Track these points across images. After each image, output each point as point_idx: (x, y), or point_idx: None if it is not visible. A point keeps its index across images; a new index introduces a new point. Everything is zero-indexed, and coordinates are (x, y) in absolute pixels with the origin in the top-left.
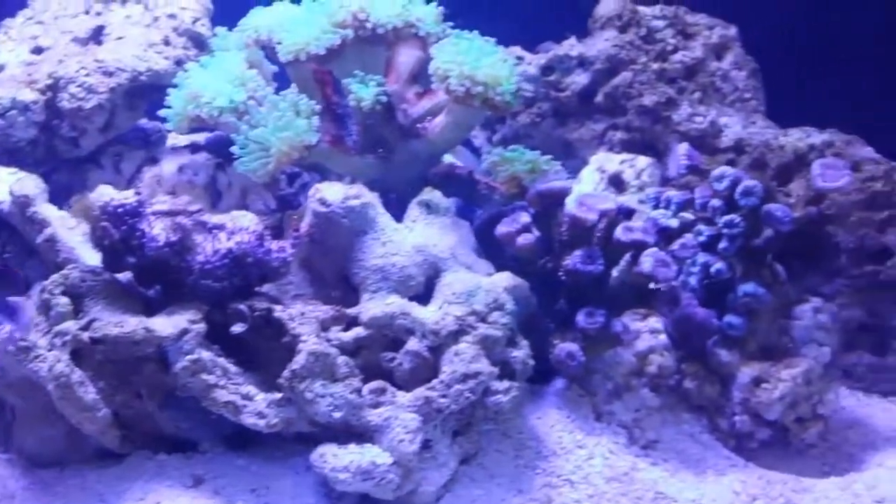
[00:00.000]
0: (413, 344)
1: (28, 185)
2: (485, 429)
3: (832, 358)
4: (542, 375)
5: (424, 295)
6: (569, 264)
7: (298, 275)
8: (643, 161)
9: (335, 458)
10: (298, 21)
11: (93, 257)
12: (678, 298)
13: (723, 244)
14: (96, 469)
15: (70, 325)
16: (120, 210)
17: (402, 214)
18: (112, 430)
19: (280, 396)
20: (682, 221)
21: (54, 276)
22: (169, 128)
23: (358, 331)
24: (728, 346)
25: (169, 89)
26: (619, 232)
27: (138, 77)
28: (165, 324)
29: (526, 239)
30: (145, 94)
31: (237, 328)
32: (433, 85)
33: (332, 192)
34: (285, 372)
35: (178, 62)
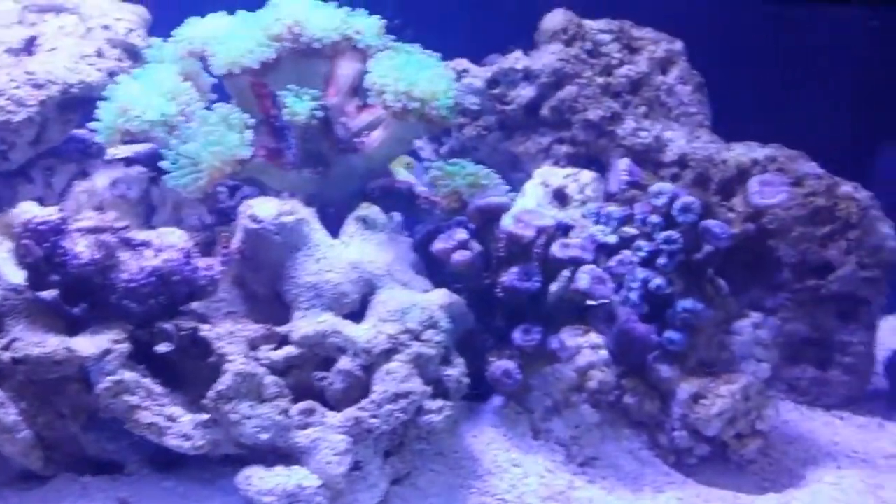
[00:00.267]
0: (345, 363)
1: None
2: (419, 448)
3: (774, 372)
4: (481, 393)
5: (360, 312)
6: (505, 281)
7: (232, 292)
8: (587, 175)
9: (261, 481)
10: (233, 33)
11: (17, 275)
12: (615, 315)
13: (662, 260)
14: (19, 491)
15: None
16: (42, 227)
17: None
18: (34, 452)
19: (207, 418)
20: (622, 237)
21: None
22: (99, 141)
23: (289, 350)
24: (668, 362)
25: (99, 102)
26: (557, 248)
27: (69, 89)
28: (87, 344)
29: (462, 255)
30: (77, 107)
31: (162, 348)
32: (369, 99)
33: (264, 209)
34: (210, 393)
35: (112, 74)
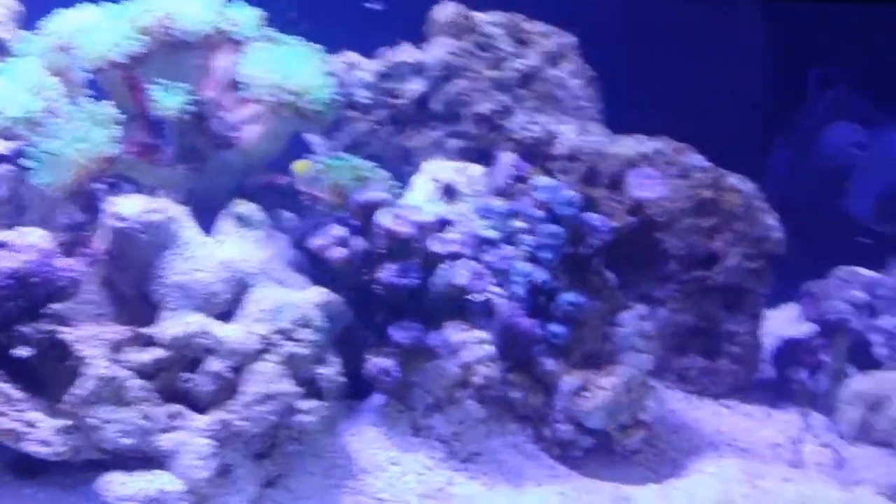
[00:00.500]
0: (214, 364)
1: None
2: (294, 450)
3: (664, 362)
4: (361, 391)
5: (233, 312)
6: (383, 277)
7: (100, 294)
8: (476, 169)
9: (122, 486)
10: (100, 26)
11: None
12: (492, 310)
13: (545, 254)
14: None
15: None
16: None
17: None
18: None
19: (68, 423)
20: (505, 231)
21: None
22: None
23: (156, 351)
24: (553, 355)
25: None
26: (436, 244)
27: None
28: None
29: (339, 252)
30: None
31: (21, 352)
32: (242, 93)
33: (129, 206)
34: (69, 397)
35: None
